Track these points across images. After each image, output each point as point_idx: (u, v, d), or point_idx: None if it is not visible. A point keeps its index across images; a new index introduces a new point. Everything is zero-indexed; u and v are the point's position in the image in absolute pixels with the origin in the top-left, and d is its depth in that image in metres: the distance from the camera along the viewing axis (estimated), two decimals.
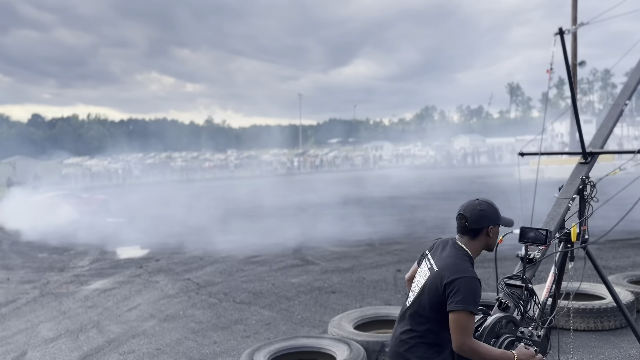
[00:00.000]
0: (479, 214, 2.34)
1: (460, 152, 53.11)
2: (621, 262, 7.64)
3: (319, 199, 20.73)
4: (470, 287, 2.18)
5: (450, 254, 2.32)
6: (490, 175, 30.03)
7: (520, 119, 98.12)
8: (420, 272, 2.42)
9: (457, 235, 2.41)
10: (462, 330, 2.15)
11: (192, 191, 29.08)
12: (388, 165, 54.38)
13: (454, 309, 2.15)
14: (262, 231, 12.65)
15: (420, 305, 2.30)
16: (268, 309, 6.18)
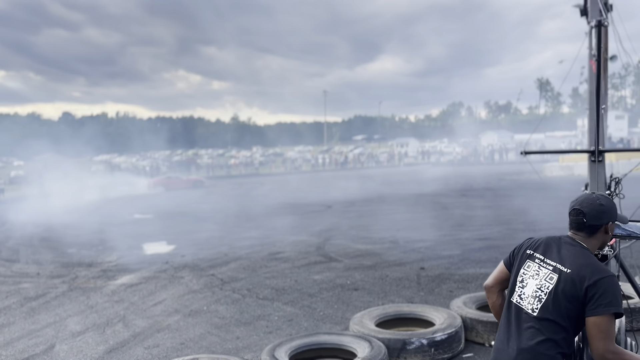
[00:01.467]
0: (599, 209, 2.16)
1: (488, 149, 52.30)
2: None
3: (343, 196, 20.72)
4: (616, 287, 2.03)
5: (578, 253, 2.14)
6: (518, 172, 29.52)
7: (550, 114, 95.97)
8: (535, 274, 2.20)
9: (571, 232, 2.24)
10: (606, 335, 1.98)
11: (217, 187, 29.42)
12: (414, 162, 53.98)
13: (602, 312, 1.98)
14: (286, 228, 12.72)
15: (554, 312, 2.08)
16: (290, 305, 6.21)
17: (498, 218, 12.66)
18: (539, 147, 46.71)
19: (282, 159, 54.44)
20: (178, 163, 49.27)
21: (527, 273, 2.23)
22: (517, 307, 2.21)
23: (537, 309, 2.12)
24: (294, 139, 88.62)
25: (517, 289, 2.24)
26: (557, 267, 2.13)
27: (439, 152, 55.55)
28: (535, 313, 2.12)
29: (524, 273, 2.24)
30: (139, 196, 25.50)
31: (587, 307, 2.01)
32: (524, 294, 2.20)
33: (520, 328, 2.15)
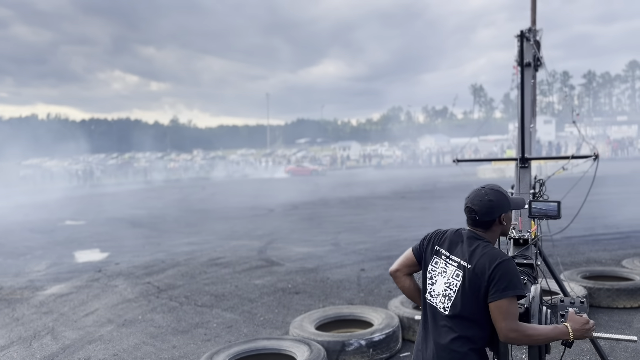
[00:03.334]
0: (488, 205, 2.19)
1: (426, 152, 53.89)
2: (576, 258, 7.87)
3: (285, 199, 20.68)
4: (512, 270, 2.07)
5: (477, 247, 2.17)
6: (454, 174, 30.57)
7: (483, 119, 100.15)
8: (443, 272, 2.23)
9: (470, 227, 2.27)
10: (508, 315, 2.02)
11: (155, 192, 28.58)
12: (356, 165, 54.74)
13: (501, 296, 2.02)
14: (227, 232, 12.53)
15: (464, 308, 2.12)
16: (230, 311, 6.11)
17: (435, 219, 13.04)
18: (474, 151, 48.74)
19: (224, 162, 53.63)
20: (113, 166, 47.45)
21: (436, 270, 2.26)
22: (430, 305, 2.25)
23: (448, 308, 2.16)
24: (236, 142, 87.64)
25: (427, 287, 2.28)
26: (461, 263, 2.17)
27: (380, 155, 56.61)
28: (447, 312, 2.16)
29: (432, 270, 2.27)
30: (75, 199, 24.32)
31: (489, 293, 2.05)
32: (434, 291, 2.23)
33: (436, 326, 2.20)
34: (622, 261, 6.95)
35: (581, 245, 8.91)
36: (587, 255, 8.05)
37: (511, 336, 2.03)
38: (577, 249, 8.56)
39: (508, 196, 2.25)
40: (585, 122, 64.84)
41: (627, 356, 4.32)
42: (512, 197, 2.29)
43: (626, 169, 27.61)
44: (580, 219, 11.46)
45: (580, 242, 9.13)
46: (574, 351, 4.47)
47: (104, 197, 26.60)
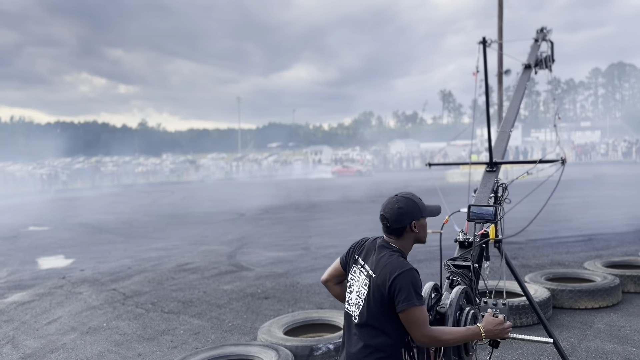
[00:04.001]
0: (397, 213, 2.23)
1: (397, 157, 54.45)
2: (541, 261, 8.06)
3: (257, 203, 20.56)
4: (411, 281, 2.10)
5: (385, 256, 2.21)
6: (424, 179, 30.94)
7: (452, 125, 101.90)
8: (357, 280, 2.27)
9: (385, 235, 2.32)
10: (419, 323, 2.08)
11: (123, 197, 28.05)
12: (327, 169, 54.86)
13: (404, 308, 2.07)
14: (196, 237, 12.38)
15: (369, 316, 2.16)
16: (198, 317, 6.03)
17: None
18: (442, 155, 49.49)
19: (194, 166, 53.02)
20: (79, 171, 46.34)
21: (353, 279, 2.30)
22: (347, 313, 2.30)
23: (357, 316, 2.20)
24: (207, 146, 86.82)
25: (347, 295, 2.32)
26: (369, 272, 2.21)
27: (351, 159, 56.89)
28: (357, 320, 2.20)
29: (351, 278, 2.31)
30: (39, 203, 23.62)
31: (396, 304, 2.09)
32: (350, 299, 2.28)
33: (349, 335, 2.25)
34: (584, 263, 7.14)
35: (545, 247, 9.13)
36: (551, 258, 8.25)
37: (426, 342, 2.10)
38: (541, 252, 8.77)
39: (420, 204, 2.29)
40: (551, 127, 66.60)
41: (587, 356, 4.44)
42: (425, 204, 2.33)
43: (589, 174, 28.47)
44: (546, 222, 11.81)
45: (545, 245, 9.36)
46: (537, 351, 4.57)
47: (69, 202, 25.94)
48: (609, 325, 5.14)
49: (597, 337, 4.86)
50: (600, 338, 4.82)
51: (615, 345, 4.64)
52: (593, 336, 4.88)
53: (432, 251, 8.49)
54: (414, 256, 7.94)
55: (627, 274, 6.24)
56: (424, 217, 2.31)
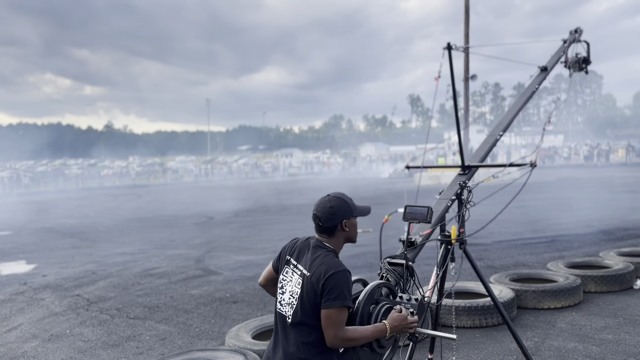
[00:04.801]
0: (329, 212, 2.31)
1: (367, 160, 54.85)
2: (505, 262, 8.23)
3: (226, 207, 20.38)
4: (343, 281, 2.16)
5: (319, 255, 2.27)
6: (393, 182, 31.28)
7: (420, 128, 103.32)
8: (290, 281, 2.32)
9: (317, 234, 2.38)
10: (338, 324, 2.14)
11: (87, 200, 27.38)
12: (298, 172, 54.85)
13: (331, 306, 2.13)
14: (163, 242, 12.18)
15: (304, 315, 2.22)
16: (164, 323, 5.92)
17: (372, 225, 13.26)
18: (412, 159, 50.07)
19: (162, 169, 52.20)
20: (43, 173, 45.03)
21: (285, 279, 2.35)
22: (279, 314, 2.34)
23: (291, 315, 2.26)
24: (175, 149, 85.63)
25: (278, 296, 2.37)
26: (303, 272, 2.26)
27: (322, 162, 57.05)
28: (290, 320, 2.26)
29: (283, 279, 2.36)
30: (0, 207, 22.85)
31: (322, 301, 2.15)
32: (283, 300, 2.32)
33: (285, 334, 2.29)
34: (547, 264, 7.31)
35: (510, 249, 9.33)
36: (516, 259, 8.44)
37: (337, 343, 2.15)
38: (506, 253, 8.96)
39: (350, 203, 2.37)
40: (515, 131, 68.17)
41: (550, 355, 4.55)
42: (356, 204, 2.41)
43: (552, 177, 29.27)
44: (510, 224, 12.08)
45: (510, 246, 9.56)
46: (501, 351, 4.65)
47: (32, 205, 25.17)
48: (571, 325, 5.28)
49: (560, 336, 4.99)
50: (563, 337, 4.95)
51: (576, 344, 4.77)
52: (556, 335, 5.01)
53: None
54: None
55: (588, 274, 6.42)
56: (355, 216, 2.39)
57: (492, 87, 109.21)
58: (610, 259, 7.18)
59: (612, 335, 4.93)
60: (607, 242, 9.50)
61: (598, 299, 6.13)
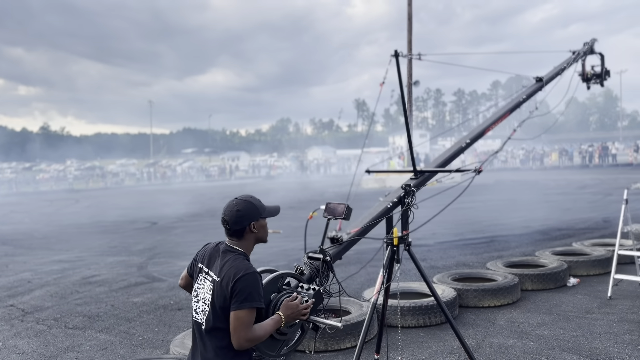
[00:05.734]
0: (236, 215, 2.34)
1: (314, 163, 55.09)
2: (448, 262, 8.49)
3: (170, 211, 19.88)
4: (253, 283, 2.22)
5: (229, 259, 2.31)
6: (340, 185, 31.53)
7: (366, 132, 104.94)
8: (202, 288, 2.35)
9: (227, 238, 2.41)
10: (246, 325, 2.18)
11: (22, 206, 25.98)
12: (245, 176, 54.32)
13: (240, 307, 2.17)
14: (103, 248, 11.74)
15: (216, 319, 2.26)
16: (105, 332, 5.70)
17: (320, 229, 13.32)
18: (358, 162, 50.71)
19: (101, 172, 50.30)
20: None
21: (199, 287, 2.38)
22: (195, 322, 2.38)
23: (205, 322, 2.29)
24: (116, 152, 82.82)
25: (193, 305, 2.40)
26: (214, 277, 2.31)
27: (269, 166, 56.75)
28: (204, 326, 2.30)
29: (197, 287, 2.39)
30: None
31: (231, 303, 2.20)
32: (198, 308, 2.36)
33: (202, 342, 2.32)
34: (487, 263, 7.60)
35: (452, 249, 9.63)
36: (457, 259, 8.72)
37: (245, 345, 2.21)
38: (448, 253, 9.24)
39: (259, 205, 2.42)
40: (456, 136, 70.46)
41: (491, 352, 4.73)
42: (265, 205, 2.47)
43: (491, 179, 30.46)
44: (452, 226, 12.47)
45: (452, 247, 9.87)
46: (445, 350, 4.79)
47: None
48: (510, 322, 5.51)
49: (499, 333, 5.19)
50: (502, 334, 5.16)
51: (515, 340, 4.98)
52: (496, 332, 5.21)
53: (347, 255, 8.66)
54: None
55: (525, 273, 6.73)
56: (264, 217, 2.44)
57: (434, 93, 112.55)
58: (545, 258, 7.55)
59: (548, 331, 5.18)
60: (543, 241, 9.99)
61: (535, 296, 6.43)
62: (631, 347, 4.67)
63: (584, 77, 5.52)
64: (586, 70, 5.46)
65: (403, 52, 4.13)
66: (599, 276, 7.15)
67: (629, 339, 4.88)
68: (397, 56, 4.03)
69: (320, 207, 3.11)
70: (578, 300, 6.17)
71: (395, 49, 4.08)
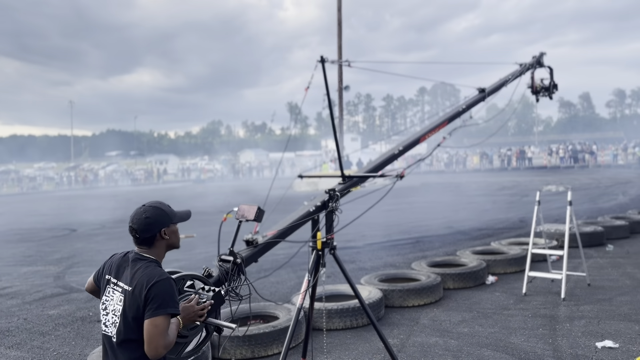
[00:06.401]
0: (145, 222, 2.29)
1: (246, 166, 54.56)
2: (375, 263, 8.67)
3: (92, 218, 18.93)
4: (167, 289, 2.17)
5: (137, 267, 2.25)
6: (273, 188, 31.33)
7: (299, 136, 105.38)
8: (111, 300, 2.28)
9: (136, 246, 2.35)
10: (163, 332, 2.12)
11: None
12: (174, 179, 52.81)
13: (156, 314, 2.11)
14: (16, 258, 10.97)
15: (128, 330, 2.19)
16: (16, 348, 5.31)
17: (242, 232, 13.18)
18: (290, 165, 50.99)
19: (17, 177, 47.11)
20: None
21: (107, 300, 2.31)
22: (105, 335, 2.31)
23: (116, 334, 2.23)
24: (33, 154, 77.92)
25: (102, 318, 2.34)
26: (124, 287, 2.24)
27: (199, 169, 55.55)
28: (115, 339, 2.24)
29: (105, 300, 2.34)
30: None
31: (145, 311, 2.14)
32: (107, 321, 2.30)
33: (113, 355, 2.27)
34: (412, 264, 7.83)
35: (380, 250, 9.84)
36: (385, 260, 8.92)
37: (163, 353, 2.17)
38: (376, 255, 9.44)
39: (168, 211, 2.37)
40: (385, 140, 72.33)
41: (414, 351, 4.86)
42: (175, 211, 2.43)
43: (417, 182, 31.53)
44: (381, 227, 12.76)
45: (380, 248, 10.09)
46: (370, 351, 4.87)
47: None
48: (433, 320, 5.70)
49: (423, 332, 5.35)
50: (425, 333, 5.32)
51: (437, 338, 5.15)
52: (419, 331, 5.36)
53: (277, 259, 8.62)
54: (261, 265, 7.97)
55: (447, 272, 6.99)
56: (174, 223, 2.39)
57: (365, 98, 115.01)
58: (466, 257, 7.89)
59: (468, 329, 5.40)
60: (464, 241, 10.44)
61: (456, 294, 6.69)
62: (543, 341, 4.96)
63: (533, 89, 5.67)
64: (535, 83, 5.62)
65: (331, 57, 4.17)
66: (515, 274, 7.56)
67: (541, 333, 5.18)
68: (323, 62, 4.07)
69: (233, 209, 3.10)
70: (496, 298, 6.49)
71: (321, 55, 4.11)
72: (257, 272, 7.53)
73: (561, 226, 7.09)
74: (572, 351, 4.67)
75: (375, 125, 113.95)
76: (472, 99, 5.18)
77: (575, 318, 5.57)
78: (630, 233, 10.26)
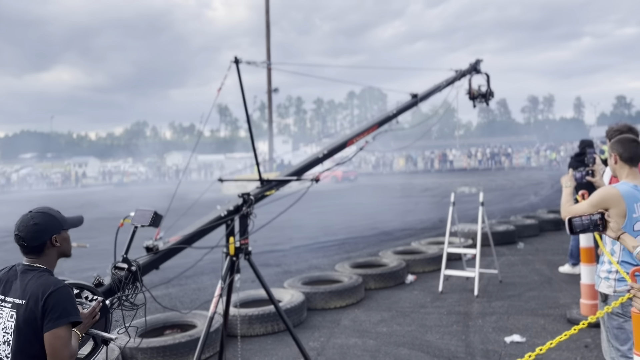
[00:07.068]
0: (34, 229, 2.14)
1: (173, 169, 53.01)
2: (301, 266, 8.67)
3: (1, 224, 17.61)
4: (65, 297, 2.07)
5: (28, 278, 2.11)
6: (200, 191, 30.64)
7: (229, 138, 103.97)
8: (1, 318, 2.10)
9: (24, 257, 2.20)
10: (67, 343, 2.02)
11: None
12: (94, 183, 50.34)
13: (57, 325, 2.00)
14: None
15: (25, 346, 2.04)
16: None
17: None
18: (220, 167, 50.19)
19: None
20: None
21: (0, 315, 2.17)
22: None
23: (10, 353, 2.10)
24: None
25: None
26: (15, 302, 2.09)
27: (122, 172, 53.30)
28: (11, 358, 2.10)
29: None
30: None
31: (44, 323, 2.02)
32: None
33: None
34: (336, 265, 7.90)
35: (306, 253, 9.87)
36: (310, 262, 8.95)
37: None
38: (302, 257, 9.45)
39: (59, 217, 2.26)
40: (316, 142, 72.98)
41: (334, 352, 4.89)
42: (65, 217, 2.31)
43: (346, 184, 32.05)
44: (308, 230, 12.81)
45: (306, 251, 10.12)
46: (291, 355, 4.84)
47: None
48: (353, 321, 5.77)
49: (343, 333, 5.40)
50: (345, 334, 5.37)
51: (357, 339, 5.21)
52: (339, 333, 5.41)
53: (200, 265, 8.40)
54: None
55: (368, 273, 7.11)
56: (65, 229, 2.28)
57: (295, 101, 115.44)
58: (387, 257, 8.07)
59: (386, 328, 5.52)
60: (387, 242, 10.69)
61: (377, 294, 6.82)
62: (457, 337, 5.16)
63: (470, 95, 5.78)
64: (473, 89, 5.72)
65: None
66: (433, 272, 7.82)
67: (455, 330, 5.39)
68: (237, 62, 4.01)
69: (130, 214, 2.97)
70: (414, 296, 6.68)
71: (235, 55, 4.05)
72: (178, 279, 7.31)
73: (475, 226, 7.44)
74: (483, 347, 4.89)
75: (307, 128, 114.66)
76: (405, 104, 5.24)
77: (487, 314, 5.85)
78: (540, 231, 10.93)
